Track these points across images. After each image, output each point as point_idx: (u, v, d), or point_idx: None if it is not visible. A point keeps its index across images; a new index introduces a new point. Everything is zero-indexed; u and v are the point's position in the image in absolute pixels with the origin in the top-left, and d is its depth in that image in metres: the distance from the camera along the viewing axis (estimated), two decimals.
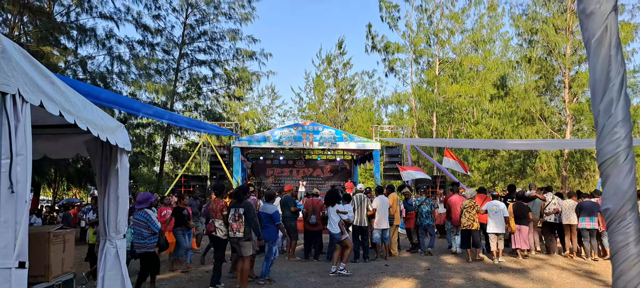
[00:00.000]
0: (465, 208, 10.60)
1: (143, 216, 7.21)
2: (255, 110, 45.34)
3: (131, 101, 17.06)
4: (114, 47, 23.30)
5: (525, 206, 11.19)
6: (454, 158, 16.51)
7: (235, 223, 7.21)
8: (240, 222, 7.19)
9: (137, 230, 7.23)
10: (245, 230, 7.20)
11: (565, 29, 25.15)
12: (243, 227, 7.19)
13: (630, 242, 1.96)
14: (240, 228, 7.20)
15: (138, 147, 25.84)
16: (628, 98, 2.02)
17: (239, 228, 7.20)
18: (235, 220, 7.23)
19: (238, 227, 7.20)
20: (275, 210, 8.27)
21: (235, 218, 7.24)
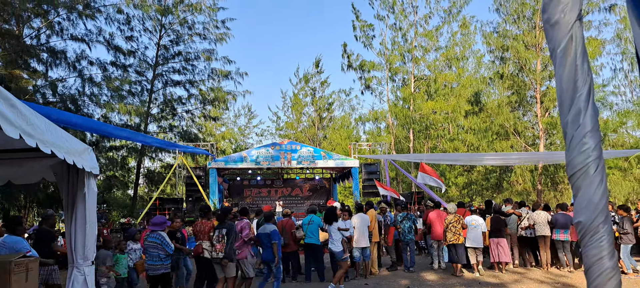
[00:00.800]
0: (451, 223, 10.71)
1: (158, 238, 7.36)
2: (232, 130, 45.02)
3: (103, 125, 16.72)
4: (85, 68, 22.92)
5: (502, 220, 11.29)
6: (430, 173, 16.52)
7: (219, 244, 7.31)
8: (223, 243, 7.30)
9: (153, 253, 7.37)
10: (226, 250, 7.26)
11: (535, 46, 25.72)
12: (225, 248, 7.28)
13: (604, 255, 1.91)
14: (222, 249, 7.29)
15: (111, 170, 25.29)
16: (596, 108, 1.99)
17: (221, 249, 7.29)
18: (219, 241, 7.34)
19: (221, 248, 7.29)
20: (274, 229, 8.31)
21: (219, 239, 7.35)
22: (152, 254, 7.39)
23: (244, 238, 7.97)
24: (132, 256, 8.28)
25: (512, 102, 27.67)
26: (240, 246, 7.88)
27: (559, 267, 11.19)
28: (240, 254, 7.87)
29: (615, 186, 24.10)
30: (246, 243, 8.01)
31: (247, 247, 8.02)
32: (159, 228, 7.52)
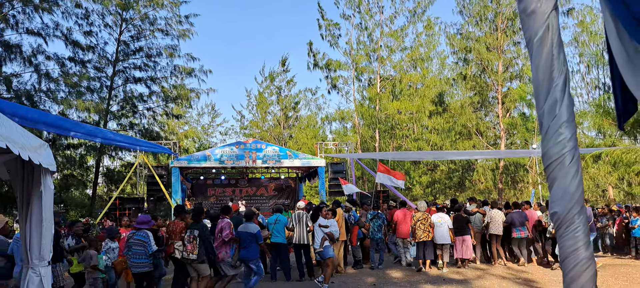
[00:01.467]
0: (420, 221, 10.96)
1: (143, 236, 7.45)
2: (195, 129, 44.26)
3: (62, 120, 16.07)
4: (42, 64, 22.04)
5: (464, 218, 11.57)
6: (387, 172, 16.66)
7: (190, 244, 7.20)
8: (194, 244, 7.18)
9: (136, 250, 7.41)
10: (199, 252, 7.19)
11: (497, 48, 26.37)
12: (197, 249, 7.18)
13: (580, 246, 1.91)
14: (194, 250, 7.18)
15: (69, 169, 24.41)
16: (572, 98, 1.98)
17: (193, 250, 7.18)
18: (190, 241, 7.22)
19: (192, 249, 7.18)
20: (257, 229, 8.33)
21: (190, 239, 7.22)
22: (136, 252, 7.42)
23: (223, 238, 7.85)
24: (110, 255, 8.10)
25: (475, 103, 28.31)
26: (219, 246, 7.79)
27: (517, 263, 11.51)
28: (218, 254, 7.70)
29: None
30: (225, 243, 7.87)
31: (225, 247, 7.88)
32: (145, 226, 7.59)
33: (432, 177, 30.00)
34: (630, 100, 2.23)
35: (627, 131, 14.98)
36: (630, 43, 1.96)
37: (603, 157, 19.38)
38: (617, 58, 2.09)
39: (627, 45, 2.00)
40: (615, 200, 25.37)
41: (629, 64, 1.97)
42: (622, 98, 2.26)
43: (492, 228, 11.62)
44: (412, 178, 29.26)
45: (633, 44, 1.94)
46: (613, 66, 2.22)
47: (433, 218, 11.18)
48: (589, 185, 24.98)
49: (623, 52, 2.01)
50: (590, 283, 1.87)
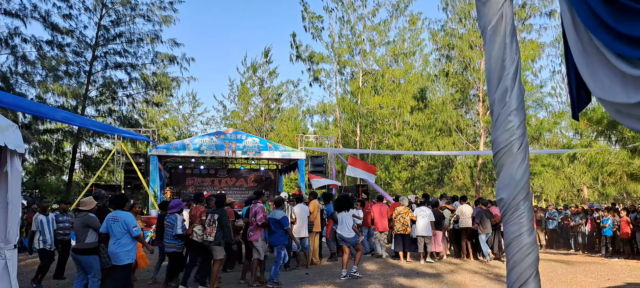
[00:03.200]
0: (400, 214, 11.30)
1: (173, 220, 8.05)
2: (176, 117, 43.83)
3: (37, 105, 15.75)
4: (19, 46, 21.55)
5: (440, 213, 11.80)
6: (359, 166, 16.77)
7: (209, 227, 7.75)
8: (213, 227, 7.71)
9: (168, 232, 8.08)
10: (216, 235, 7.69)
11: (480, 46, 26.57)
12: (215, 232, 7.69)
13: (524, 232, 1.94)
14: (212, 233, 7.70)
15: (45, 154, 23.98)
16: (522, 87, 2.00)
17: (211, 233, 7.71)
18: (210, 224, 7.76)
19: (210, 232, 7.71)
20: (283, 215, 8.55)
21: (210, 222, 7.77)
22: (168, 233, 8.08)
23: (257, 222, 8.36)
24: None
25: (456, 100, 28.51)
26: (253, 229, 8.42)
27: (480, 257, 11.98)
28: (252, 237, 8.39)
29: (548, 183, 25.38)
30: (259, 226, 8.38)
31: (260, 230, 8.41)
32: (175, 210, 8.14)
33: (411, 173, 30.22)
34: (583, 89, 2.27)
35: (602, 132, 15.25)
36: (585, 33, 1.99)
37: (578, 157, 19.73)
38: (572, 48, 2.12)
39: (582, 35, 2.03)
40: (590, 199, 25.88)
41: (583, 53, 2.00)
42: (577, 87, 2.30)
43: (462, 222, 11.96)
44: (392, 174, 29.41)
45: (587, 34, 1.97)
46: (568, 56, 2.25)
47: (415, 211, 11.52)
48: (565, 185, 25.41)
49: (578, 42, 2.04)
50: (532, 268, 1.90)
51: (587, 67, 2.04)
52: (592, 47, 1.91)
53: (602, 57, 1.82)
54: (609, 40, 1.70)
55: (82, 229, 6.66)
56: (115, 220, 6.60)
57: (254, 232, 8.39)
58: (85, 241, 6.64)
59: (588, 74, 2.00)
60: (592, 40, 1.90)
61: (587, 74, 2.02)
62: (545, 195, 28.07)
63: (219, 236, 7.73)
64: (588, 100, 2.44)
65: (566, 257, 13.19)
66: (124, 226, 6.51)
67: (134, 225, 6.60)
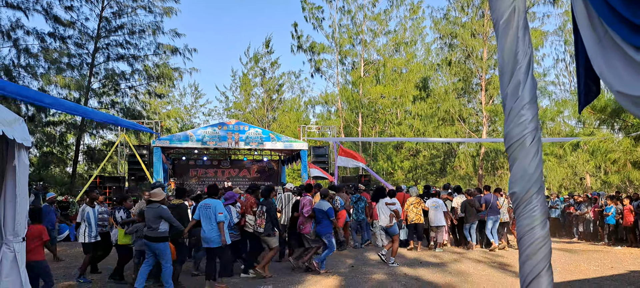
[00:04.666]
0: (412, 205, 11.55)
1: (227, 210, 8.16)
2: (178, 109, 43.85)
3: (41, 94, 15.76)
4: (21, 39, 21.55)
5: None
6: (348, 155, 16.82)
7: (259, 219, 8.20)
8: (262, 218, 8.14)
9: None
10: (266, 226, 8.10)
11: (482, 34, 26.45)
12: (264, 223, 8.10)
13: (536, 225, 1.95)
14: (262, 224, 8.14)
15: (49, 146, 24.05)
16: (535, 80, 2.01)
17: (260, 224, 8.16)
18: (260, 215, 8.21)
19: (260, 223, 8.16)
20: (329, 207, 8.81)
21: (260, 214, 8.22)
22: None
23: (305, 214, 8.69)
24: None
25: (458, 89, 28.44)
26: (303, 221, 8.75)
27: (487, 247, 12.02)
28: (304, 229, 8.72)
29: (551, 172, 25.38)
30: (307, 218, 8.69)
31: (309, 222, 8.72)
32: (229, 202, 8.38)
33: (414, 163, 30.23)
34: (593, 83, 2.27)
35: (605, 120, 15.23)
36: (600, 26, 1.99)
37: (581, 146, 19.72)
38: (586, 40, 2.12)
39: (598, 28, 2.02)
40: (592, 188, 25.90)
41: (598, 45, 2.00)
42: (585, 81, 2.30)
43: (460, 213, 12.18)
44: (394, 164, 29.43)
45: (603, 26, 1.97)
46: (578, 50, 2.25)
47: (428, 202, 11.76)
48: (567, 173, 25.42)
49: (593, 34, 2.03)
50: (545, 261, 1.93)
51: (603, 60, 2.03)
52: (609, 40, 1.91)
53: (620, 50, 1.82)
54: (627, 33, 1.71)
55: (155, 219, 7.11)
56: (207, 207, 7.36)
57: (305, 224, 8.73)
58: (158, 230, 7.10)
59: (605, 67, 2.00)
60: (608, 33, 1.90)
61: (604, 67, 2.02)
62: (547, 184, 28.10)
63: (269, 227, 8.15)
64: (597, 94, 2.44)
65: (569, 246, 13.25)
66: (214, 212, 7.29)
67: (220, 211, 7.33)
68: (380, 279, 8.16)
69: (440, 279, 8.20)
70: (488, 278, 8.28)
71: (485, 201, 11.87)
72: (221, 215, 7.29)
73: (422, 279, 8.18)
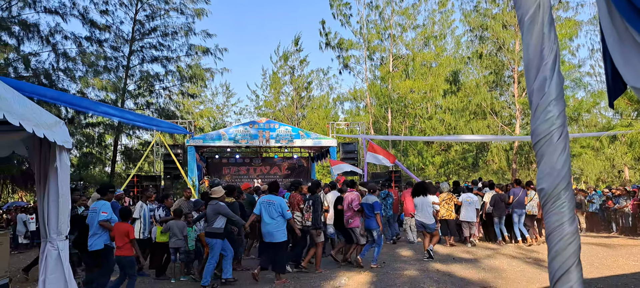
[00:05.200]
0: (444, 200, 11.61)
1: None
2: (210, 108, 44.59)
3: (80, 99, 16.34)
4: (60, 43, 22.33)
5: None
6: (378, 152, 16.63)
7: (307, 213, 8.41)
8: (310, 213, 8.36)
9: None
10: (313, 218, 8.30)
11: (514, 25, 25.92)
12: (311, 217, 8.31)
13: (565, 221, 1.96)
14: (309, 218, 8.36)
15: (88, 147, 24.88)
16: (561, 76, 2.02)
17: (308, 218, 8.39)
18: (307, 210, 8.43)
19: (308, 217, 8.39)
20: (376, 200, 8.96)
21: (307, 208, 8.44)
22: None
23: (353, 209, 8.84)
24: (197, 227, 8.59)
25: (490, 82, 27.96)
26: (352, 215, 8.89)
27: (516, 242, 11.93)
28: (352, 223, 8.88)
29: (588, 165, 24.70)
30: (356, 213, 8.86)
31: (358, 217, 8.90)
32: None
33: (445, 158, 29.89)
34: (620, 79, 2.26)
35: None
36: (620, 21, 1.99)
37: (619, 138, 19.09)
38: (607, 36, 2.11)
39: (617, 23, 2.02)
40: (631, 180, 25.06)
41: (618, 42, 2.00)
42: (613, 76, 2.28)
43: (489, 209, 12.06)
44: (425, 159, 29.18)
45: (623, 22, 1.97)
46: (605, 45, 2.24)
47: (462, 197, 11.74)
48: (605, 166, 24.68)
49: (613, 30, 2.03)
50: (574, 257, 1.94)
51: (621, 55, 2.03)
52: (628, 36, 1.91)
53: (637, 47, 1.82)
54: None
55: (213, 215, 7.46)
56: (270, 204, 7.65)
57: (353, 218, 8.88)
58: (213, 225, 7.43)
59: (623, 62, 2.00)
60: (628, 29, 1.90)
61: (622, 62, 2.02)
62: (584, 177, 27.34)
63: (316, 221, 8.35)
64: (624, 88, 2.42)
65: (607, 240, 12.90)
66: (279, 208, 7.58)
67: (287, 208, 7.67)
68: (412, 275, 8.16)
69: (473, 275, 8.14)
70: (523, 274, 8.17)
71: (513, 194, 11.81)
72: (289, 212, 7.70)
73: (455, 275, 8.14)
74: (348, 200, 8.99)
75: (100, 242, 6.79)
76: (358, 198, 8.94)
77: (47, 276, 5.21)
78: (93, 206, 7.03)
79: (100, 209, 6.85)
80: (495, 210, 11.80)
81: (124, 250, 6.56)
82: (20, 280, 8.64)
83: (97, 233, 6.79)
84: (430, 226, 9.79)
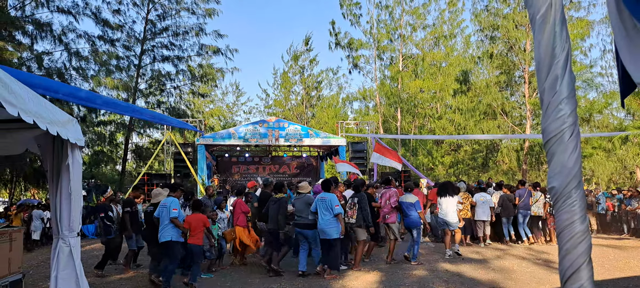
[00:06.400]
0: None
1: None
2: (220, 107, 44.81)
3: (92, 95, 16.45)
4: (72, 42, 22.58)
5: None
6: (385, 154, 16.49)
7: (351, 210, 8.54)
8: (354, 210, 8.49)
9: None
10: (357, 217, 8.44)
11: (525, 25, 25.73)
12: (356, 214, 8.44)
13: (576, 219, 1.96)
14: (353, 215, 8.47)
15: (99, 145, 25.12)
16: (573, 75, 2.01)
17: (352, 215, 8.49)
18: (351, 207, 8.56)
19: (352, 214, 8.50)
20: (417, 199, 9.18)
21: (351, 206, 8.58)
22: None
23: (391, 205, 9.05)
24: (221, 225, 8.75)
25: (500, 82, 27.78)
26: (389, 212, 9.09)
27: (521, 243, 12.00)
28: (389, 219, 9.08)
29: (599, 166, 24.46)
30: (393, 209, 9.07)
31: (395, 213, 9.10)
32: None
33: (455, 158, 29.75)
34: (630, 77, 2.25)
35: None
36: (629, 20, 1.98)
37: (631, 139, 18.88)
38: (615, 34, 2.11)
39: (626, 20, 2.02)
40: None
41: (626, 39, 2.00)
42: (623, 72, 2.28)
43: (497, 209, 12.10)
44: (435, 159, 29.07)
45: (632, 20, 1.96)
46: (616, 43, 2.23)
47: (476, 197, 11.76)
48: (617, 167, 24.42)
49: (621, 28, 2.03)
50: (585, 256, 1.93)
51: (629, 52, 2.03)
52: (635, 33, 1.91)
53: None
54: None
55: (305, 208, 8.03)
56: (324, 200, 7.89)
57: (390, 214, 9.07)
58: (308, 217, 7.98)
59: (630, 59, 2.00)
60: (636, 26, 1.90)
61: (629, 59, 2.02)
62: (595, 179, 27.09)
63: (360, 218, 8.44)
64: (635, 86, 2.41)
65: (619, 242, 12.78)
66: (330, 205, 7.81)
67: (336, 204, 7.85)
68: (421, 275, 8.14)
69: (482, 276, 8.11)
70: (532, 275, 8.13)
71: (519, 196, 11.90)
72: (338, 207, 7.88)
73: (464, 275, 8.11)
74: (386, 197, 9.21)
75: (169, 234, 7.28)
76: (396, 196, 9.19)
77: (59, 272, 5.26)
78: (163, 202, 7.51)
79: (171, 205, 7.36)
80: (503, 211, 11.88)
81: (196, 238, 7.21)
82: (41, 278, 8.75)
83: (167, 225, 7.29)
84: (454, 224, 10.03)
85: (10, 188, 28.10)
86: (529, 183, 12.92)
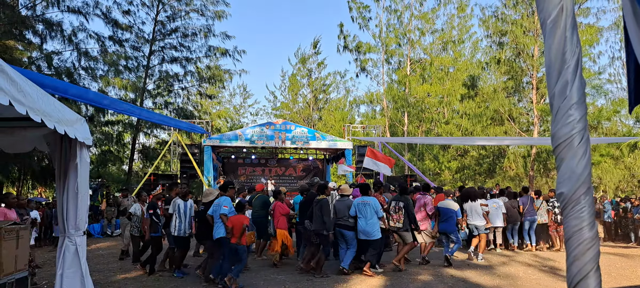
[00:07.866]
0: None
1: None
2: (228, 109, 44.95)
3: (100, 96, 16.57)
4: (82, 42, 22.74)
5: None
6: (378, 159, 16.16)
7: (396, 214, 8.62)
8: (400, 214, 8.57)
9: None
10: (404, 221, 8.52)
11: (534, 31, 25.62)
12: (402, 219, 8.52)
13: (585, 226, 1.94)
14: (400, 220, 8.57)
15: (106, 145, 25.24)
16: (583, 80, 1.99)
17: (398, 220, 8.60)
18: (396, 212, 8.63)
19: (398, 219, 8.60)
20: (458, 208, 9.52)
21: (396, 210, 8.64)
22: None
23: (427, 212, 9.24)
24: None
25: (508, 88, 27.66)
26: (423, 218, 9.24)
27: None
28: (421, 226, 9.18)
29: (607, 174, 24.27)
30: (428, 216, 9.26)
31: (428, 221, 9.29)
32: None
33: (461, 163, 29.63)
34: None
35: None
36: None
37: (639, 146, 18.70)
38: (632, 39, 2.09)
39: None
40: None
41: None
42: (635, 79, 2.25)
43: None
44: (441, 164, 28.97)
45: None
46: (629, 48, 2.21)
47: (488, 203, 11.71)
48: (625, 175, 24.23)
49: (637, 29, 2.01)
50: (593, 263, 1.91)
51: None
52: None
53: None
54: None
55: (345, 209, 8.30)
56: (365, 204, 8.17)
57: (423, 221, 9.21)
58: (349, 219, 8.24)
59: None
60: None
61: None
62: (603, 186, 26.87)
63: (406, 222, 8.58)
64: None
65: (626, 251, 12.67)
66: (374, 208, 8.12)
67: (379, 208, 8.16)
68: (425, 280, 8.11)
69: (488, 282, 8.06)
70: (538, 282, 8.07)
71: (522, 204, 11.98)
72: (381, 211, 8.21)
73: (469, 281, 8.07)
74: (421, 203, 9.35)
75: (222, 231, 7.61)
76: (432, 202, 9.37)
77: (65, 270, 5.28)
78: (217, 201, 7.82)
79: (223, 203, 7.71)
80: (508, 217, 11.91)
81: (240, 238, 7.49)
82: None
83: (221, 223, 7.63)
84: (482, 227, 10.27)
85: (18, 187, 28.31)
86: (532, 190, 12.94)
